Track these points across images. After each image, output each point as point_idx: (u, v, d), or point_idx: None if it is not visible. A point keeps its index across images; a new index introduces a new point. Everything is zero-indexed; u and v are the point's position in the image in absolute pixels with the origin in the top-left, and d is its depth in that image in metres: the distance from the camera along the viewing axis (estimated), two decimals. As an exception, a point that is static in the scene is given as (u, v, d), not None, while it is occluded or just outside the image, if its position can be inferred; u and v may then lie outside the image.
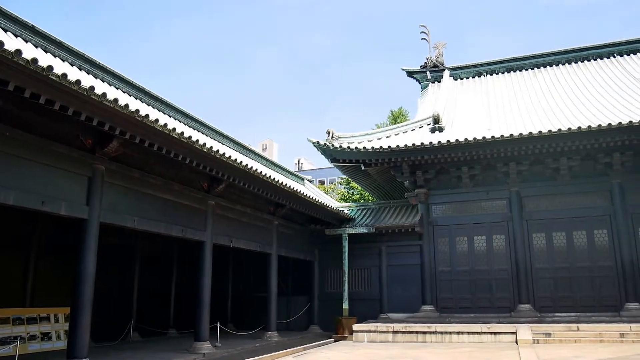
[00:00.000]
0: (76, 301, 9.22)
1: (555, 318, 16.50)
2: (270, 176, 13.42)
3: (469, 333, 15.32)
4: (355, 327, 16.66)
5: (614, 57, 23.92)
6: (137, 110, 8.59)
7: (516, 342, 14.24)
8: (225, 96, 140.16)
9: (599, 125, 15.44)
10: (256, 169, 12.66)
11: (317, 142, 18.03)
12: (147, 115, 8.86)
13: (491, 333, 15.12)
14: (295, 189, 15.12)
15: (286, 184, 14.43)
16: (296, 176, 24.19)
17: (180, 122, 15.74)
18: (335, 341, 16.82)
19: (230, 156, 11.50)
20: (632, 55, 23.69)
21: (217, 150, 10.98)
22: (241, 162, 11.94)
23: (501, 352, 12.53)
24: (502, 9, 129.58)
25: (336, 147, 17.85)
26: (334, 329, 17.80)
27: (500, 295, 17.71)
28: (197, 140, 10.24)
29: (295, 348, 14.36)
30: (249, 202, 15.03)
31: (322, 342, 16.18)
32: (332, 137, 18.11)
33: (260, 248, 15.87)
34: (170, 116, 15.33)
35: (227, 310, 20.28)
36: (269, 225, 16.57)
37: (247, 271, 21.16)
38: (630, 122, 15.19)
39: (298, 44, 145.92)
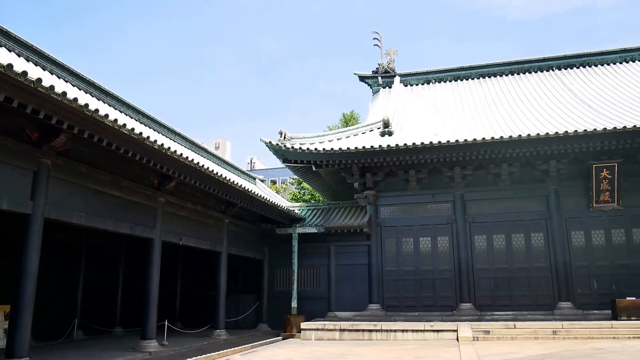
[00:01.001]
0: (17, 299, 8.99)
1: (494, 316, 17.26)
2: (221, 175, 13.46)
3: (413, 331, 15.80)
4: (304, 325, 16.88)
5: (553, 70, 25.25)
6: (87, 105, 8.49)
7: (457, 339, 14.76)
8: (180, 95, 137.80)
9: (538, 135, 16.31)
10: (207, 167, 12.68)
11: (270, 142, 18.17)
12: (96, 110, 8.77)
13: (434, 331, 15.65)
14: (246, 188, 15.20)
15: (237, 183, 14.50)
16: (248, 175, 24.20)
17: (132, 118, 15.51)
18: (283, 339, 16.98)
19: (181, 154, 11.49)
20: (569, 69, 25.11)
21: (168, 148, 10.95)
22: (192, 160, 11.94)
23: (443, 349, 12.99)
24: (454, 19, 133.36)
25: (288, 148, 18.04)
26: (283, 327, 17.97)
27: (443, 294, 18.37)
28: (148, 137, 10.20)
29: (244, 346, 14.43)
30: (200, 200, 15.00)
31: (270, 340, 16.30)
32: (285, 137, 18.28)
33: (210, 246, 15.85)
34: (121, 112, 15.10)
35: (175, 309, 20.09)
36: (220, 224, 16.56)
37: (196, 269, 21.02)
38: (566, 132, 16.15)
39: (253, 46, 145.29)
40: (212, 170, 12.94)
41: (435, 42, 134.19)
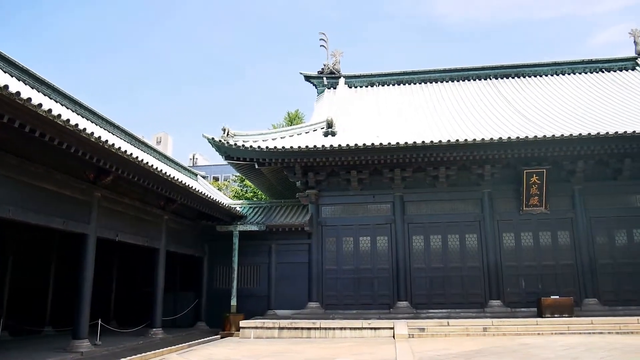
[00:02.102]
0: None
1: (429, 314, 17.83)
2: (161, 170, 13.16)
3: (351, 329, 16.06)
4: (242, 323, 16.80)
5: (490, 79, 26.38)
6: (18, 93, 8.09)
7: (393, 336, 15.15)
8: (121, 86, 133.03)
9: (474, 140, 17.00)
10: (147, 162, 12.36)
11: (212, 138, 17.92)
12: (29, 99, 8.38)
13: (371, 328, 15.98)
14: (186, 184, 14.92)
15: (177, 179, 14.21)
16: (189, 171, 23.77)
17: (67, 108, 14.86)
18: (222, 338, 16.85)
19: (119, 147, 11.14)
20: (505, 78, 26.33)
21: (106, 141, 10.59)
22: (131, 154, 11.60)
23: (379, 346, 13.28)
24: (397, 26, 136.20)
25: (231, 145, 17.88)
26: (222, 325, 17.80)
27: (381, 292, 18.77)
28: (85, 129, 9.83)
29: (180, 345, 14.20)
30: (138, 195, 14.59)
31: (208, 339, 16.12)
32: (228, 134, 18.10)
33: (148, 243, 15.46)
34: (56, 102, 14.43)
35: (110, 307, 19.41)
36: (159, 220, 16.19)
37: (133, 266, 20.37)
38: (500, 138, 16.93)
39: (197, 40, 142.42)
40: (152, 165, 12.64)
41: (379, 47, 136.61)
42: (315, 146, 17.48)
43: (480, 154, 17.47)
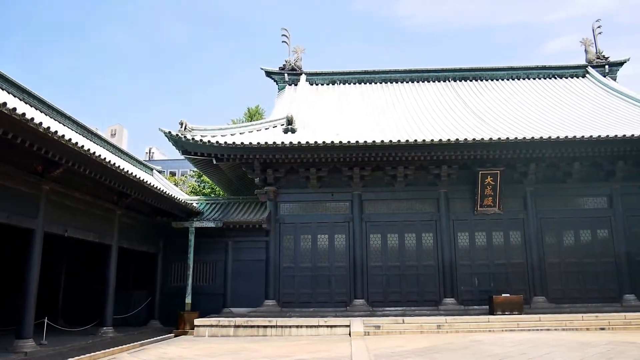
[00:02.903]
0: None
1: (385, 312, 18.01)
2: (114, 163, 12.74)
3: (307, 326, 16.04)
4: (197, 321, 16.51)
5: (449, 81, 26.88)
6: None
7: (350, 334, 15.22)
8: (74, 75, 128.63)
9: (432, 141, 17.25)
10: (99, 155, 11.93)
11: (169, 132, 17.50)
12: (-27, 86, 7.95)
13: (328, 326, 16.00)
14: (141, 179, 14.51)
15: (131, 173, 13.79)
16: (145, 166, 23.20)
17: (15, 97, 14.21)
18: (175, 336, 16.51)
19: (70, 139, 10.70)
20: (463, 81, 26.88)
21: (55, 132, 10.15)
22: (82, 146, 11.16)
23: (335, 344, 13.31)
24: (360, 25, 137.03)
25: (188, 139, 17.51)
26: (176, 324, 17.44)
27: (338, 290, 18.82)
28: (32, 119, 9.39)
29: (132, 344, 13.83)
30: (90, 189, 14.08)
31: (161, 337, 15.77)
32: (185, 128, 17.71)
33: (99, 239, 14.97)
34: (3, 89, 13.79)
35: (58, 305, 18.69)
36: (111, 215, 15.70)
37: (83, 263, 19.71)
38: (457, 139, 17.25)
39: (157, 31, 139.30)
40: (105, 158, 12.22)
41: (341, 45, 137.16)
42: (274, 143, 17.34)
43: (437, 155, 17.74)
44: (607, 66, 26.66)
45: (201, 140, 17.53)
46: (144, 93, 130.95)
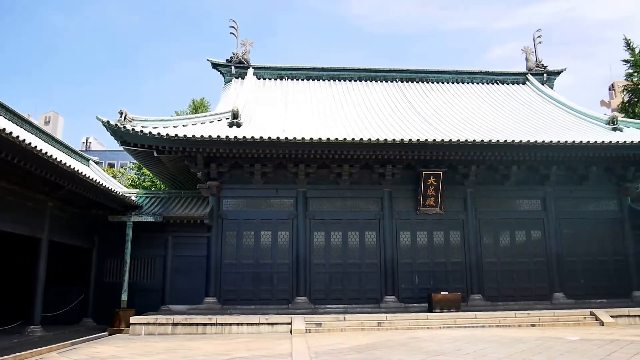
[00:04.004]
0: None
1: (327, 309, 18.05)
2: (45, 152, 12.03)
3: (248, 324, 15.85)
4: (133, 319, 15.95)
5: (396, 82, 27.23)
6: None
7: (291, 332, 15.18)
8: (8, 57, 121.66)
9: (377, 140, 17.40)
10: (29, 143, 11.24)
11: (107, 121, 16.71)
12: None
13: (269, 324, 15.87)
14: (75, 169, 13.81)
15: (65, 163, 13.09)
16: (81, 156, 22.16)
17: None
18: (109, 335, 15.87)
19: (-4, 125, 10.03)
20: (410, 82, 27.30)
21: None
22: (10, 132, 10.48)
23: (276, 342, 13.21)
24: (312, 22, 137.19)
25: (128, 130, 16.83)
26: (111, 322, 16.78)
27: (281, 288, 18.68)
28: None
29: (62, 343, 13.15)
30: (18, 179, 13.25)
31: (94, 336, 15.10)
32: (125, 118, 17.00)
33: (28, 232, 14.15)
34: None
35: (-22, 303, 17.58)
36: (42, 207, 14.87)
37: (10, 257, 18.62)
38: (402, 140, 17.48)
39: (100, 17, 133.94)
40: (35, 146, 11.53)
41: (291, 41, 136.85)
42: (219, 137, 16.96)
43: (382, 154, 17.92)
44: (545, 75, 27.83)
45: (142, 131, 16.90)
46: (84, 81, 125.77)
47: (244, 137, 16.97)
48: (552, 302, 18.95)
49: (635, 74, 33.96)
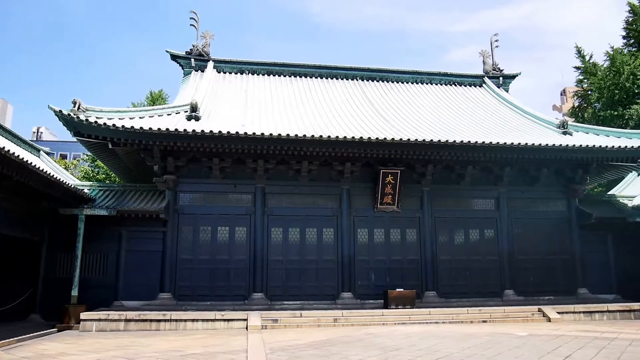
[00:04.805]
0: None
1: (284, 306, 18.02)
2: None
3: (203, 320, 15.65)
4: (84, 315, 15.49)
5: (357, 80, 27.39)
6: None
7: (247, 328, 15.08)
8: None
9: (337, 137, 17.48)
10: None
11: (60, 111, 16.10)
12: None
13: (224, 320, 15.72)
14: (23, 159, 13.27)
15: (12, 152, 12.57)
16: (31, 146, 21.32)
17: None
18: (58, 331, 15.36)
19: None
20: (370, 81, 27.52)
21: None
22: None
23: (231, 338, 13.09)
24: (271, 17, 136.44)
25: (82, 120, 16.28)
26: (61, 318, 16.25)
27: (237, 284, 18.54)
28: None
29: (7, 340, 12.61)
30: (-40, 168, 12.66)
31: (42, 332, 14.56)
32: (79, 108, 16.43)
33: (-28, 224, 13.53)
34: None
35: None
36: (-12, 199, 14.26)
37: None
38: (361, 137, 17.63)
39: (54, 3, 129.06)
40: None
41: (251, 35, 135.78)
42: (176, 130, 16.64)
43: (342, 151, 18.01)
44: (501, 78, 28.57)
45: (96, 122, 16.38)
46: (36, 69, 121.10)
47: (203, 131, 16.72)
48: (502, 299, 19.53)
49: (585, 81, 35.42)
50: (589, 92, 35.18)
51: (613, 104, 31.36)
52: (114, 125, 16.45)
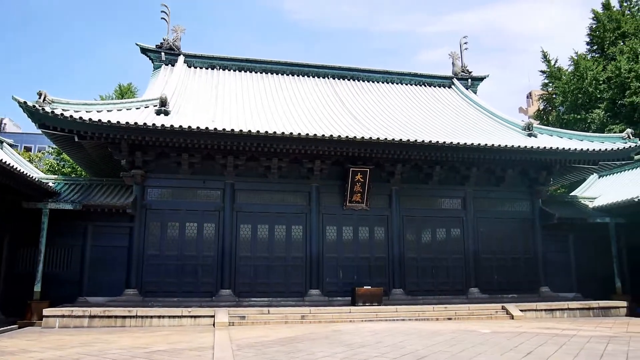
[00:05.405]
0: None
1: (252, 302, 18.01)
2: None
3: (170, 317, 15.51)
4: (46, 311, 15.16)
5: (328, 78, 27.47)
6: None
7: (214, 325, 15.00)
8: None
9: (307, 135, 17.53)
10: None
11: (25, 102, 15.68)
12: None
13: (191, 317, 15.61)
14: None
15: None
16: (-7, 138, 20.73)
17: None
18: (20, 328, 15.01)
19: None
20: (341, 79, 27.65)
21: None
22: None
23: (198, 334, 13.01)
24: (245, 13, 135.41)
25: (47, 112, 15.90)
26: (23, 314, 15.87)
27: (205, 280, 18.43)
28: None
29: (-36, 336, 12.32)
30: None
31: (2, 329, 14.20)
32: (45, 100, 16.05)
33: None
34: None
35: None
36: (-54, 192, 13.80)
37: None
38: (331, 135, 17.72)
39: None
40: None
41: (224, 31, 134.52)
42: (145, 124, 16.41)
43: (311, 149, 18.05)
44: (470, 80, 29.06)
45: (62, 114, 16.03)
46: (3, 57, 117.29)
47: (172, 125, 16.54)
48: (468, 296, 19.93)
49: (551, 85, 36.40)
50: (554, 96, 36.20)
51: (576, 108, 32.32)
52: (80, 118, 16.12)
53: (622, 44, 33.02)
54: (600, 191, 24.05)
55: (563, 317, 18.04)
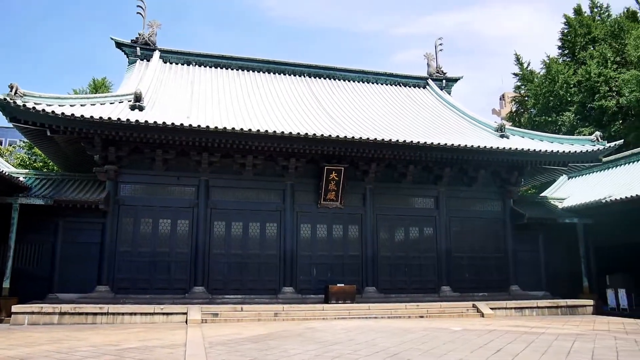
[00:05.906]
0: None
1: (225, 299, 17.99)
2: None
3: (142, 314, 15.43)
4: (15, 308, 14.94)
5: (304, 76, 27.50)
6: None
7: (187, 322, 14.98)
8: None
9: (282, 132, 17.58)
10: None
11: (-5, 95, 15.44)
12: None
13: (164, 314, 15.56)
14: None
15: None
16: (-39, 131, 20.26)
17: None
18: (-13, 325, 14.76)
19: None
20: (318, 78, 27.72)
21: None
22: None
23: (170, 332, 12.97)
24: (222, 9, 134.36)
25: (19, 106, 15.59)
26: (-9, 311, 15.61)
27: (178, 277, 18.34)
28: None
29: None
30: None
31: (-32, 326, 13.97)
32: (16, 93, 15.74)
33: None
34: None
35: None
36: None
37: None
38: (307, 134, 17.81)
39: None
40: None
41: (200, 27, 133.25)
42: (119, 119, 16.25)
43: (286, 147, 18.11)
44: (444, 81, 29.43)
45: (34, 108, 15.75)
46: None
47: (146, 121, 16.41)
48: (439, 294, 20.22)
49: (523, 87, 37.13)
50: (526, 98, 36.97)
51: (548, 110, 33.06)
52: (53, 112, 15.88)
53: (592, 48, 33.91)
54: (570, 192, 24.67)
55: (532, 315, 18.48)
